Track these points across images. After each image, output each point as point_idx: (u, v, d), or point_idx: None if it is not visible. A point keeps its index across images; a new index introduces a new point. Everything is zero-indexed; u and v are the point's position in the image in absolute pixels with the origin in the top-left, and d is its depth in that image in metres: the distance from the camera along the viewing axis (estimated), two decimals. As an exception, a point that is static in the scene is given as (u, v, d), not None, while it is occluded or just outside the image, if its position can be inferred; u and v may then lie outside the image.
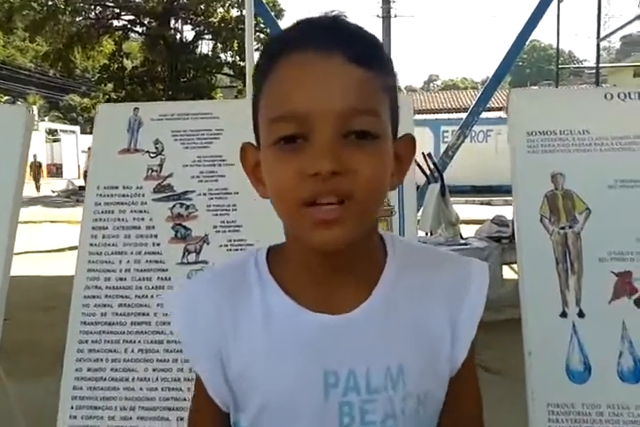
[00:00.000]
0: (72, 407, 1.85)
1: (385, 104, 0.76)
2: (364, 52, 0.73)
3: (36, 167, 22.85)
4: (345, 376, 0.79)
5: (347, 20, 0.77)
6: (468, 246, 5.46)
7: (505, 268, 5.70)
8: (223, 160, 2.03)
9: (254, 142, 0.82)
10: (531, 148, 1.85)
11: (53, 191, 21.83)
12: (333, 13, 0.78)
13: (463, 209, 8.89)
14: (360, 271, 0.81)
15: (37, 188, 22.44)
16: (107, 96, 24.74)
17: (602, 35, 11.39)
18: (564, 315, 1.72)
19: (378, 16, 18.73)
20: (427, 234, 6.16)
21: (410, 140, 0.83)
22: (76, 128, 34.86)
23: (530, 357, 1.71)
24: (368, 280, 0.82)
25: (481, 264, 0.88)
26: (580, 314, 1.72)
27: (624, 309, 1.72)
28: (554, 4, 9.20)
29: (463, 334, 0.84)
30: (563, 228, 1.78)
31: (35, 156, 22.86)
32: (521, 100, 1.95)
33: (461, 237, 5.97)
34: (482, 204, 15.23)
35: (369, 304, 0.80)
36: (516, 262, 5.75)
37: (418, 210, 3.82)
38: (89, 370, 1.89)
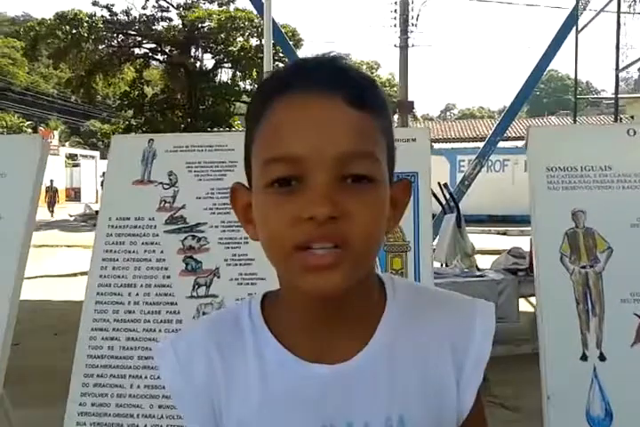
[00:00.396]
0: (75, 444, 1.81)
1: (382, 147, 0.73)
2: (363, 95, 0.71)
3: (52, 193, 23.05)
4: None
5: (345, 61, 0.75)
6: (484, 278, 5.37)
7: (521, 301, 5.61)
8: (236, 192, 2.01)
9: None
10: (551, 184, 1.81)
11: (71, 215, 22.02)
12: (332, 54, 0.75)
13: (479, 239, 8.82)
14: (358, 317, 0.77)
15: (51, 213, 22.59)
16: (127, 122, 25.11)
17: (620, 65, 11.37)
18: (584, 358, 1.67)
19: (395, 46, 18.88)
20: (442, 265, 6.09)
21: (406, 185, 0.80)
22: (96, 153, 35.34)
23: (549, 401, 1.65)
24: (367, 326, 0.77)
25: (486, 305, 0.83)
26: (602, 357, 1.66)
27: (647, 353, 1.65)
28: (572, 34, 9.23)
29: (469, 381, 0.79)
30: (584, 267, 1.73)
31: (52, 181, 23.12)
32: (540, 136, 1.92)
33: (477, 269, 5.90)
34: (498, 233, 15.11)
35: (368, 352, 0.76)
36: (532, 295, 5.66)
37: (433, 240, 3.78)
38: (93, 405, 1.85)
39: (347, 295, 0.72)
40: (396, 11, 19.87)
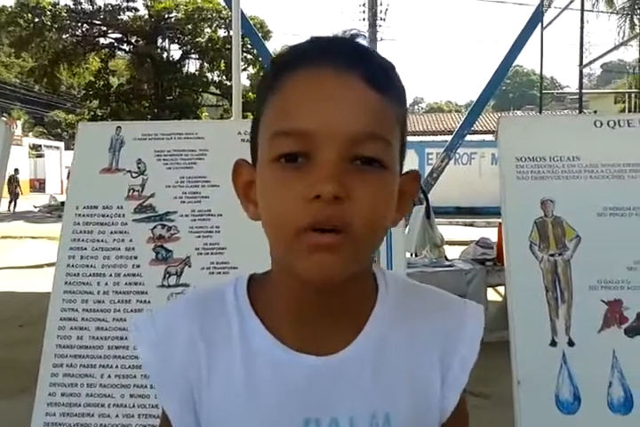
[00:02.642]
0: (44, 435, 1.78)
1: (396, 134, 0.70)
2: (382, 76, 0.68)
3: (15, 184, 22.32)
4: (327, 425, 0.72)
5: (364, 41, 0.72)
6: (452, 268, 5.43)
7: (489, 290, 5.69)
8: (207, 181, 1.99)
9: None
10: (520, 173, 1.84)
11: (35, 206, 21.59)
12: (352, 32, 0.72)
13: (447, 230, 8.90)
14: (349, 309, 0.75)
15: (13, 206, 21.76)
16: (92, 113, 24.65)
17: (584, 62, 11.56)
18: (553, 344, 1.69)
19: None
20: (412, 255, 6.13)
21: (415, 177, 0.77)
22: (61, 144, 34.67)
23: (518, 386, 1.67)
24: (357, 319, 0.75)
25: (477, 307, 0.82)
26: (570, 343, 1.69)
27: (614, 338, 1.69)
28: (537, 31, 9.33)
29: (454, 381, 0.78)
30: (552, 255, 1.76)
31: (16, 170, 22.51)
32: (511, 126, 1.94)
33: (446, 259, 5.96)
34: (465, 225, 15.28)
35: (356, 345, 0.74)
36: (500, 285, 5.74)
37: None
38: (63, 395, 1.82)
39: (343, 287, 0.70)
40: (364, 4, 19.88)
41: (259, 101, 0.74)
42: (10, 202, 21.68)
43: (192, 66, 25.02)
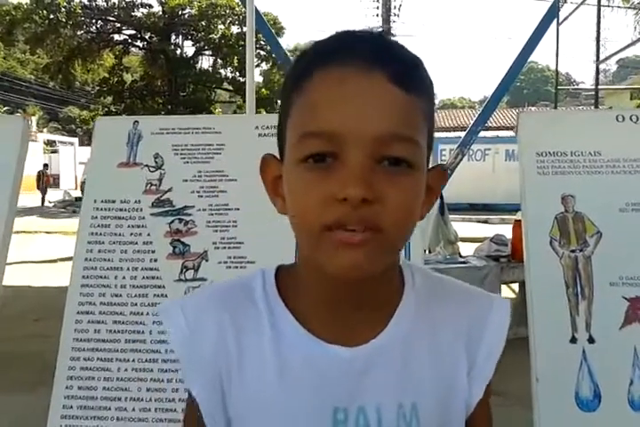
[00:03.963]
0: (61, 427, 1.78)
1: (424, 133, 0.70)
2: (409, 74, 0.68)
3: (46, 178, 22.27)
4: (355, 414, 0.73)
5: (392, 37, 0.72)
6: (466, 265, 5.41)
7: (503, 287, 5.66)
8: (225, 175, 1.99)
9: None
10: (541, 169, 1.82)
11: (50, 202, 21.73)
12: (379, 29, 0.72)
13: (460, 227, 8.87)
14: (377, 302, 0.76)
15: (43, 200, 21.94)
16: (106, 109, 24.77)
17: (600, 58, 11.45)
18: (573, 340, 1.68)
19: (378, 35, 18.87)
20: (425, 251, 6.12)
21: (442, 172, 0.77)
22: (75, 140, 34.90)
23: (537, 383, 1.66)
24: (384, 311, 0.76)
25: (503, 302, 0.83)
26: (591, 340, 1.67)
27: (635, 335, 1.67)
28: (552, 26, 9.26)
29: (480, 373, 0.79)
30: (573, 251, 1.74)
31: (45, 165, 22.48)
32: (531, 121, 1.92)
33: (460, 256, 5.94)
34: (479, 222, 15.21)
35: (384, 337, 0.75)
36: (514, 282, 5.70)
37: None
38: (80, 388, 1.83)
39: (371, 282, 0.70)
40: (378, 0, 19.82)
41: (284, 101, 0.73)
42: (42, 198, 21.69)
43: (205, 62, 25.08)
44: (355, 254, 0.65)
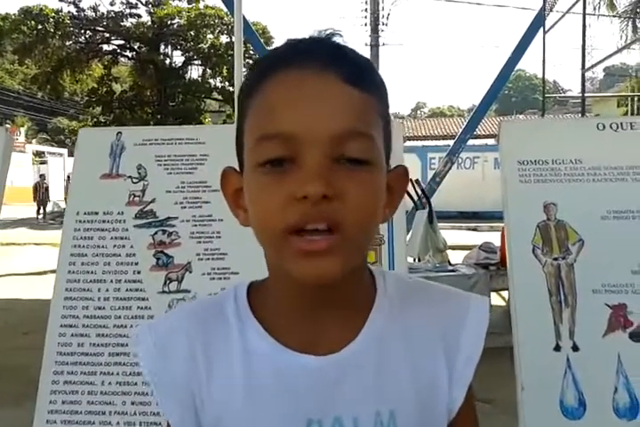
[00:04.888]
0: (44, 443, 1.77)
1: (379, 129, 0.70)
2: (360, 74, 0.69)
3: (44, 189, 21.72)
4: (330, 425, 0.72)
5: (342, 39, 0.72)
6: (455, 273, 5.41)
7: (493, 295, 5.66)
8: (208, 186, 1.98)
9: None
10: (523, 177, 1.82)
11: (39, 213, 21.60)
12: (328, 32, 0.73)
13: (450, 235, 8.88)
14: (348, 307, 0.74)
15: (42, 214, 21.30)
16: (95, 119, 24.73)
17: (586, 66, 11.55)
18: (557, 349, 1.68)
19: (366, 44, 18.95)
20: (414, 260, 6.12)
21: (403, 172, 0.77)
22: (64, 151, 34.74)
23: (523, 392, 1.66)
24: (356, 317, 0.75)
25: (480, 300, 0.81)
26: (575, 348, 1.67)
27: (619, 342, 1.68)
28: (539, 35, 9.34)
29: (460, 376, 0.77)
30: (556, 259, 1.74)
31: (42, 176, 22.16)
32: (512, 129, 1.93)
33: (449, 264, 5.94)
34: (468, 229, 15.25)
35: (357, 343, 0.73)
36: (503, 289, 5.69)
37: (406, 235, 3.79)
38: (64, 403, 1.81)
39: (338, 284, 0.69)
40: (366, 10, 19.93)
41: (240, 108, 0.74)
42: (38, 210, 21.12)
43: (195, 72, 25.09)
44: (320, 262, 0.65)
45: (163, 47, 24.40)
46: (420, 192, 6.59)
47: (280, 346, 0.73)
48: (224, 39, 23.36)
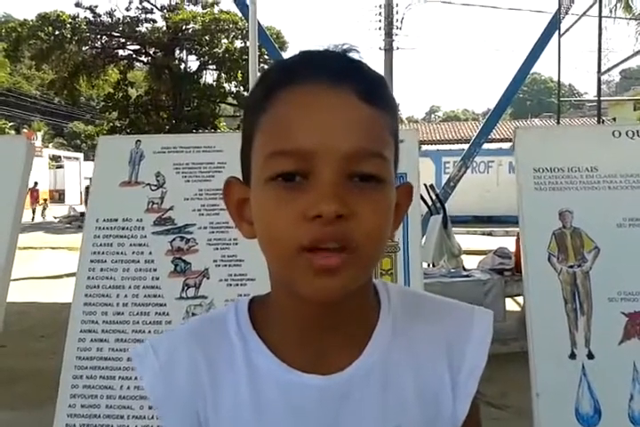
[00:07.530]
0: (64, 447, 1.79)
1: (391, 147, 0.70)
2: (375, 90, 0.68)
3: (36, 194, 22.89)
4: None
5: (358, 55, 0.71)
6: (470, 278, 5.40)
7: (508, 300, 5.64)
8: (225, 193, 2.01)
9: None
10: (538, 184, 1.83)
11: (55, 217, 21.83)
12: (344, 47, 0.71)
13: (465, 239, 8.85)
14: (353, 325, 0.74)
15: (42, 215, 22.48)
16: (111, 124, 24.93)
17: (602, 69, 11.48)
18: (572, 356, 1.68)
19: (380, 48, 18.94)
20: (429, 265, 6.11)
21: (410, 190, 0.76)
22: (80, 155, 35.08)
23: (538, 398, 1.66)
24: (361, 334, 0.74)
25: (484, 313, 0.80)
26: (590, 356, 1.67)
27: (635, 350, 1.67)
28: (554, 38, 9.31)
29: (464, 390, 0.77)
30: (571, 266, 1.74)
31: (35, 183, 22.93)
32: (528, 136, 1.93)
33: (464, 269, 5.92)
34: (483, 234, 15.18)
35: (362, 361, 0.73)
36: (518, 295, 5.66)
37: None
38: (83, 406, 1.84)
39: (346, 302, 0.69)
40: (380, 14, 19.94)
41: (248, 120, 0.72)
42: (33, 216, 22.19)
43: (209, 77, 25.21)
44: (331, 281, 0.64)
45: (178, 52, 24.56)
46: (434, 197, 6.58)
47: (285, 366, 0.72)
48: (238, 44, 23.49)
